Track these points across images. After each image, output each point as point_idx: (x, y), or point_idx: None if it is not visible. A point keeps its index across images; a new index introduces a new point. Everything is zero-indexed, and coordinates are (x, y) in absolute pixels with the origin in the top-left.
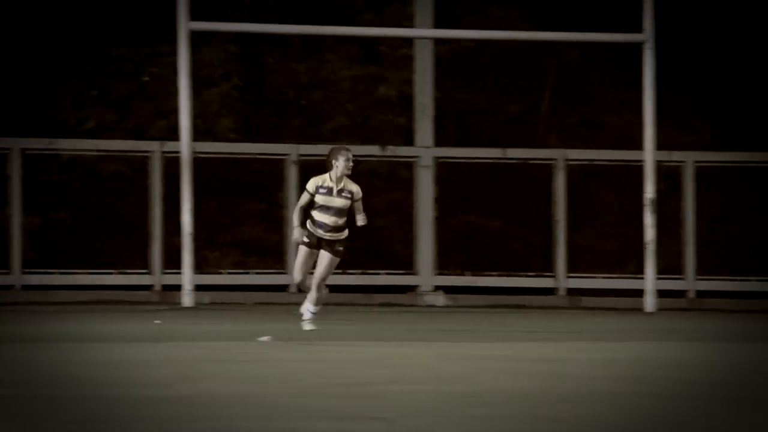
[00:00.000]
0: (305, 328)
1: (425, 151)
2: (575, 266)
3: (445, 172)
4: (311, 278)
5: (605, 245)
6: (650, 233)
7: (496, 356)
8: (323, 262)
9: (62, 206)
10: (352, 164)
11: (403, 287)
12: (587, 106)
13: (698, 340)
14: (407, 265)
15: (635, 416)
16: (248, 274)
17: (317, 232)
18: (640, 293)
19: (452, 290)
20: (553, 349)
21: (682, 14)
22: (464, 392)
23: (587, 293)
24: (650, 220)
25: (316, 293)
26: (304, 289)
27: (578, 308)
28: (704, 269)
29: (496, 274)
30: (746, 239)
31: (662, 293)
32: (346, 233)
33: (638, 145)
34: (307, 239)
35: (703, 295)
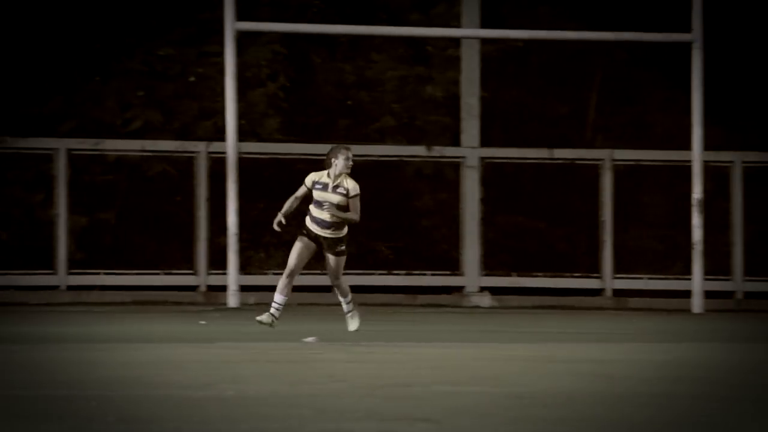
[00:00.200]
0: (350, 327)
1: (471, 151)
2: (622, 267)
3: (491, 172)
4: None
5: (652, 246)
6: (698, 234)
7: (542, 357)
8: (330, 266)
9: (108, 207)
10: (351, 163)
11: (448, 288)
12: (634, 106)
13: (746, 341)
14: (453, 265)
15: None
16: None
17: (314, 228)
18: (687, 294)
19: (498, 291)
20: (599, 350)
21: (730, 13)
22: (510, 393)
23: (634, 294)
24: (698, 220)
25: (339, 292)
26: (288, 277)
27: (625, 309)
28: (752, 270)
29: (542, 274)
30: None
31: (709, 294)
32: (345, 231)
33: (686, 145)
34: (305, 231)
35: (751, 296)
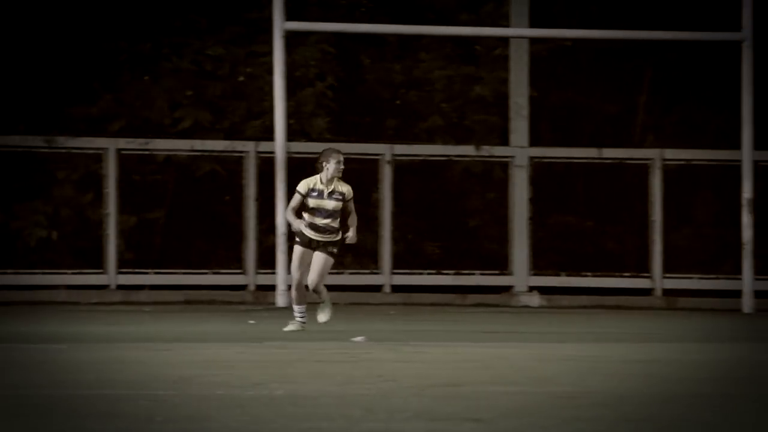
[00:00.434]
0: (320, 319)
1: (520, 150)
2: (672, 267)
3: (540, 171)
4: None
5: (702, 245)
6: (748, 233)
7: (591, 357)
8: (317, 262)
9: (157, 206)
10: (342, 167)
11: (497, 288)
12: (684, 105)
13: None
14: (502, 265)
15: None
16: (342, 274)
17: (310, 233)
18: (737, 294)
19: (547, 291)
20: (648, 350)
21: None
22: (560, 393)
23: (683, 294)
24: (748, 220)
25: (319, 296)
26: (299, 290)
27: (675, 309)
28: None
29: (591, 274)
30: None
31: (760, 294)
32: (340, 235)
33: (736, 144)
34: (299, 238)
35: None
